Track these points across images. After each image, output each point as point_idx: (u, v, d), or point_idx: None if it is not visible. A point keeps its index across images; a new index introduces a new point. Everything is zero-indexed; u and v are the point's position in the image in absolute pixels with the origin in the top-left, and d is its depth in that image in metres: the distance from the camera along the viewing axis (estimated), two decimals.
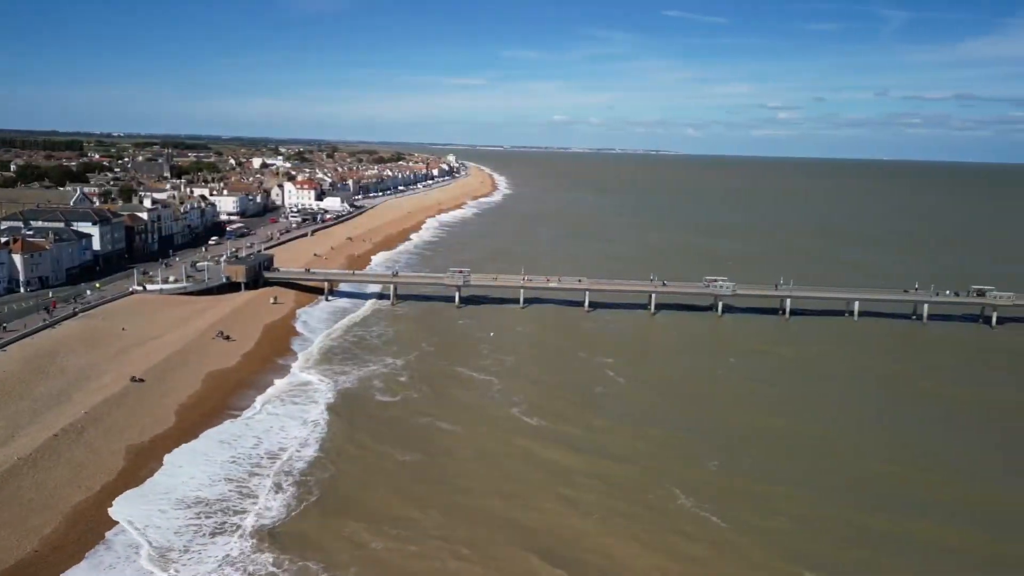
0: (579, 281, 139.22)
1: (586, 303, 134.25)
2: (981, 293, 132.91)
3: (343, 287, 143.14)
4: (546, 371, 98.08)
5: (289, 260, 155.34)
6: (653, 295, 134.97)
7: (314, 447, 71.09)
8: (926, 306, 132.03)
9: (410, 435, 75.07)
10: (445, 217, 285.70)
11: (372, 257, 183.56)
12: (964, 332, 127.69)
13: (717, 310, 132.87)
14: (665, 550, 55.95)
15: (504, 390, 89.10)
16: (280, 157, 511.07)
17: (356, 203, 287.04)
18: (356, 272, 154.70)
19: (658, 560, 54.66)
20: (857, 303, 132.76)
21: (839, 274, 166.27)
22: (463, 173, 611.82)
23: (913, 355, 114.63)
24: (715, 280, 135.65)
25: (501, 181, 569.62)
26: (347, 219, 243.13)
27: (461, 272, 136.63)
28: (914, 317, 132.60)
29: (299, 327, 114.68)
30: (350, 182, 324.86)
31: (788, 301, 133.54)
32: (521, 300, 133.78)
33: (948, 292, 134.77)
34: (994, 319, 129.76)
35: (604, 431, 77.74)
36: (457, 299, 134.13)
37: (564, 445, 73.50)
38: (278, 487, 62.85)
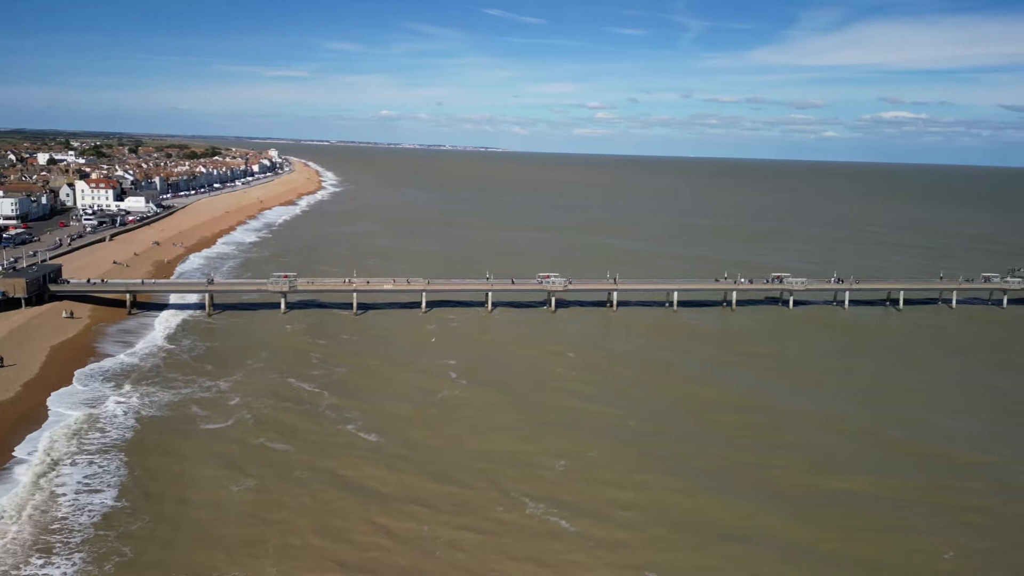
0: (412, 282, 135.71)
1: (423, 304, 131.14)
2: (780, 279, 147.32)
3: (149, 298, 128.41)
4: (383, 379, 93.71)
5: (83, 269, 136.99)
6: (489, 293, 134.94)
7: (110, 494, 61.46)
8: (735, 293, 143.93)
9: (242, 461, 67.85)
10: (268, 217, 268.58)
11: (184, 263, 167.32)
12: (767, 313, 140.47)
13: (551, 305, 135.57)
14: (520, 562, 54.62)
15: (338, 403, 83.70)
16: (72, 152, 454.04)
17: (164, 203, 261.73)
18: (164, 281, 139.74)
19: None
20: (676, 293, 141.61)
21: (661, 265, 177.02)
22: (287, 169, 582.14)
23: (726, 337, 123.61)
24: (548, 276, 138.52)
25: (328, 177, 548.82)
26: (153, 221, 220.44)
27: (286, 277, 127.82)
28: (725, 304, 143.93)
29: (96, 347, 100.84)
30: (157, 180, 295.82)
31: (615, 294, 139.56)
32: (355, 304, 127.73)
33: (746, 279, 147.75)
34: (791, 302, 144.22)
35: (448, 440, 75.12)
36: (283, 306, 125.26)
37: (405, 462, 69.75)
38: (70, 560, 52.70)
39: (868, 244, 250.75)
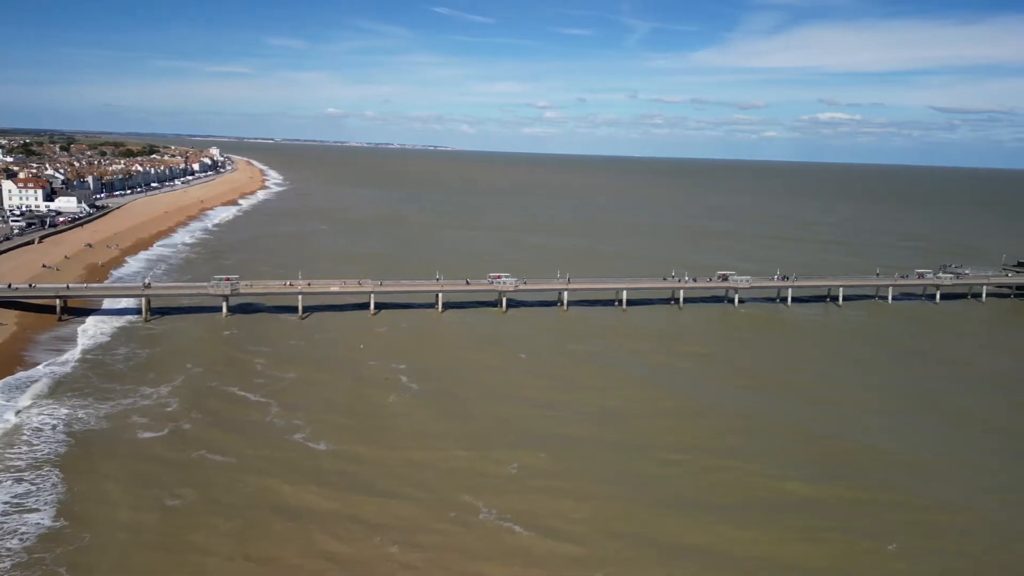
0: (362, 283, 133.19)
1: (372, 306, 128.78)
2: (725, 278, 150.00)
3: (82, 303, 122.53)
4: (332, 385, 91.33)
5: (9, 273, 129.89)
6: (440, 294, 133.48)
7: (48, 513, 58.12)
8: (682, 292, 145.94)
9: (177, 476, 64.94)
10: (209, 217, 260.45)
11: (119, 267, 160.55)
12: (713, 311, 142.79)
13: (502, 306, 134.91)
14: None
15: (286, 411, 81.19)
16: None
17: (98, 203, 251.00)
18: (98, 285, 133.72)
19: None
20: (625, 292, 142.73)
21: (610, 265, 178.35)
22: (229, 168, 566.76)
23: (674, 337, 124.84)
24: (499, 276, 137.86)
25: (273, 176, 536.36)
26: (86, 222, 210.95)
27: (228, 280, 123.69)
28: (672, 301, 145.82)
29: (24, 355, 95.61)
30: (90, 179, 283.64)
31: (565, 294, 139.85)
32: (300, 308, 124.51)
33: (691, 278, 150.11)
34: (736, 300, 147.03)
35: (397, 451, 73.21)
36: (225, 310, 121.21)
37: (352, 475, 67.57)
38: None
39: (807, 242, 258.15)
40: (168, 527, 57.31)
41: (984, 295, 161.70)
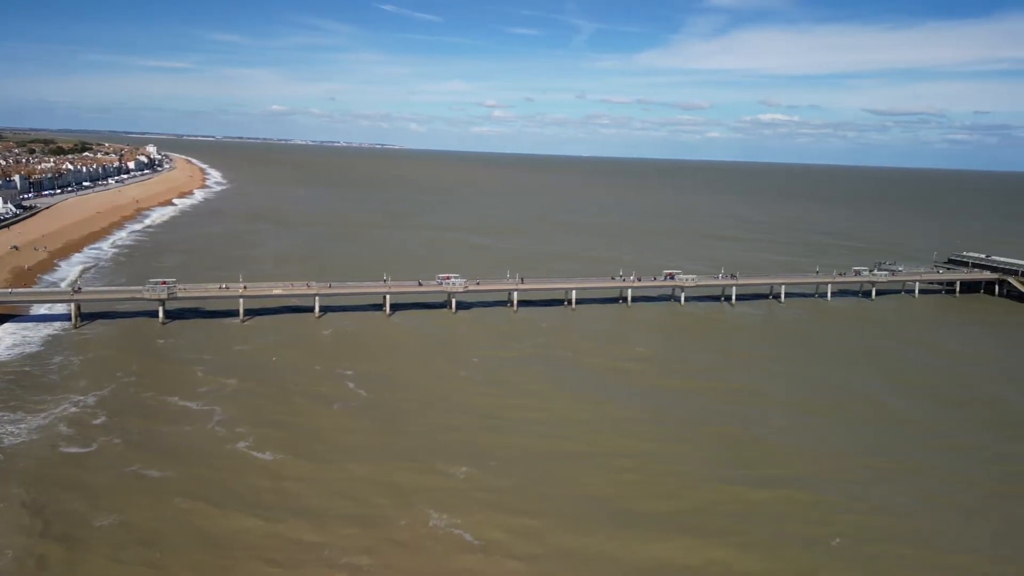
0: (310, 285, 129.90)
1: (316, 308, 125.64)
2: (671, 277, 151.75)
3: (8, 309, 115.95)
4: (277, 392, 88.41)
5: None
6: (388, 296, 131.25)
7: None
8: (630, 291, 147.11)
9: (109, 493, 61.59)
10: (145, 218, 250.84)
11: (49, 270, 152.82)
12: (660, 310, 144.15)
13: (451, 307, 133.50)
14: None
15: (228, 421, 78.15)
16: None
17: (26, 203, 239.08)
18: (24, 290, 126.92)
19: None
20: (574, 292, 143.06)
21: (558, 265, 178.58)
22: (167, 166, 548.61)
23: (621, 338, 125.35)
24: (448, 277, 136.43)
25: (214, 175, 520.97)
26: (13, 223, 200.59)
27: (165, 283, 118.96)
28: (621, 300, 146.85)
29: None
30: (16, 178, 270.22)
31: (515, 294, 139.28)
32: (241, 311, 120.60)
33: (637, 277, 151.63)
34: (683, 298, 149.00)
35: (339, 464, 70.68)
36: (161, 315, 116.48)
37: (297, 491, 64.93)
38: None
39: (750, 241, 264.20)
40: (73, 560, 52.90)
41: (917, 291, 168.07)
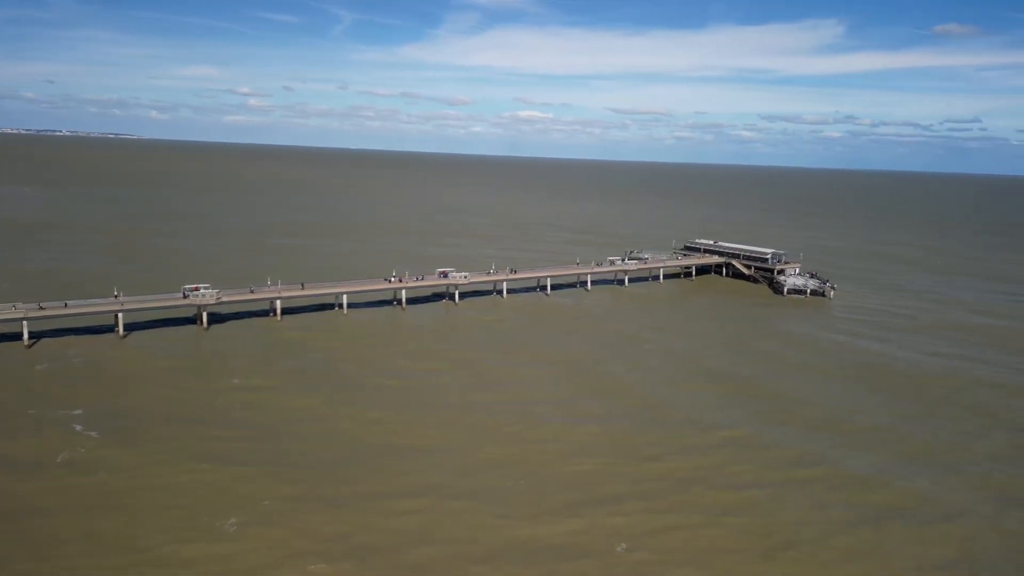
0: (14, 307, 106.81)
1: (25, 335, 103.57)
2: (445, 275, 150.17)
3: None
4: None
5: None
6: (120, 315, 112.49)
7: None
8: (404, 292, 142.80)
9: None
10: None
11: None
12: (435, 310, 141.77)
13: (202, 322, 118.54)
14: None
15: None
16: None
17: None
18: None
19: None
20: (345, 296, 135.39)
21: (329, 266, 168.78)
22: None
23: (392, 335, 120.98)
24: (196, 288, 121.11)
25: None
26: None
27: None
28: (395, 303, 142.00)
29: None
30: None
31: (279, 302, 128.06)
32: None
33: (415, 276, 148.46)
34: (456, 296, 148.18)
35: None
36: None
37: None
38: None
39: (515, 238, 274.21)
40: None
41: (662, 276, 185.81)
